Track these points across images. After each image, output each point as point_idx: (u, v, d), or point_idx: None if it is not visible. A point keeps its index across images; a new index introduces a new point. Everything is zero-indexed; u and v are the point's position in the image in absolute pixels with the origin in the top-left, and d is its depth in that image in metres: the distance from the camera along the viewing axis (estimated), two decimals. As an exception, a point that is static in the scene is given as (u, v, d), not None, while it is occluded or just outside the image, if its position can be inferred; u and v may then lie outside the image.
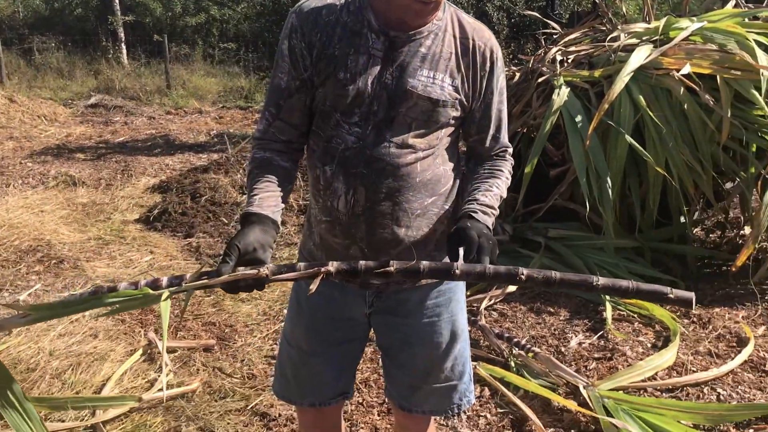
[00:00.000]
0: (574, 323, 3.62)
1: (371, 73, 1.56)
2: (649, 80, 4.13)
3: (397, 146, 1.57)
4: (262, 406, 2.94)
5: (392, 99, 1.56)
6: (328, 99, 1.59)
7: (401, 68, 1.56)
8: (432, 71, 1.57)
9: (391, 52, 1.56)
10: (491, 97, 1.67)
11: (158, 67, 15.23)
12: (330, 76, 1.57)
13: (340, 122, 1.59)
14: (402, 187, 1.59)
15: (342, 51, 1.56)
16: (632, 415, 2.67)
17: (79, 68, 15.29)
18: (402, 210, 1.60)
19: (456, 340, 1.79)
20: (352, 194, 1.59)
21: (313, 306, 1.78)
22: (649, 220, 4.28)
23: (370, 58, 1.56)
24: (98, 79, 14.47)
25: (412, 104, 1.56)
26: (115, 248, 4.87)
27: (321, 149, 1.63)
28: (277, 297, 4.09)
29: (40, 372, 3.16)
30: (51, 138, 9.51)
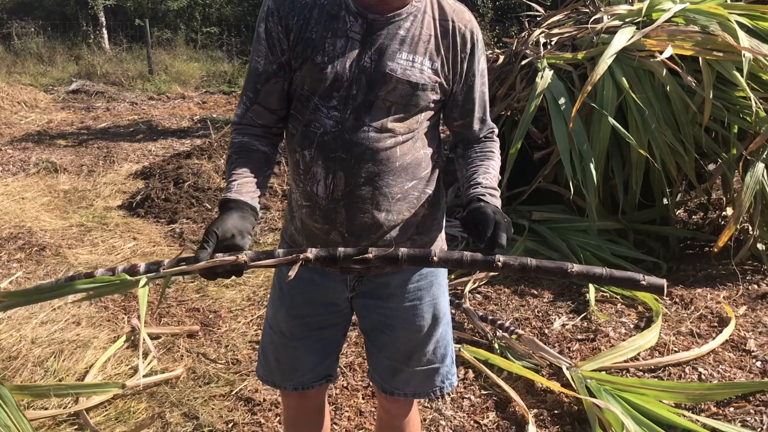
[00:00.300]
0: (557, 305, 3.64)
1: (349, 56, 1.54)
2: (632, 62, 4.13)
3: (377, 130, 1.56)
4: (246, 392, 2.94)
5: (371, 83, 1.54)
6: (306, 83, 1.57)
7: (380, 51, 1.54)
8: (411, 54, 1.55)
9: (369, 35, 1.54)
10: (473, 79, 1.65)
11: (140, 52, 15.07)
12: (307, 59, 1.55)
13: (319, 106, 1.57)
14: (382, 171, 1.57)
15: (319, 34, 1.54)
16: (615, 395, 2.69)
17: (59, 54, 15.08)
18: (382, 194, 1.59)
19: (438, 323, 1.79)
20: (331, 179, 1.58)
21: (294, 291, 1.77)
22: (632, 202, 4.30)
23: (348, 42, 1.54)
24: (79, 64, 14.30)
25: (391, 88, 1.54)
26: (98, 235, 4.83)
27: (300, 134, 1.61)
28: (261, 282, 4.08)
29: (22, 360, 3.13)
30: (32, 124, 9.39)
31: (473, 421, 2.71)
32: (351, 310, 1.82)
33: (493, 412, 2.77)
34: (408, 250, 1.43)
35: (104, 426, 2.69)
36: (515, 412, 2.74)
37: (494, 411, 2.77)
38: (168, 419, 2.74)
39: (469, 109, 1.69)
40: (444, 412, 2.76)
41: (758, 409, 2.60)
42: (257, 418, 2.76)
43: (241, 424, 2.72)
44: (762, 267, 4.04)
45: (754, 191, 3.80)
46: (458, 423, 2.70)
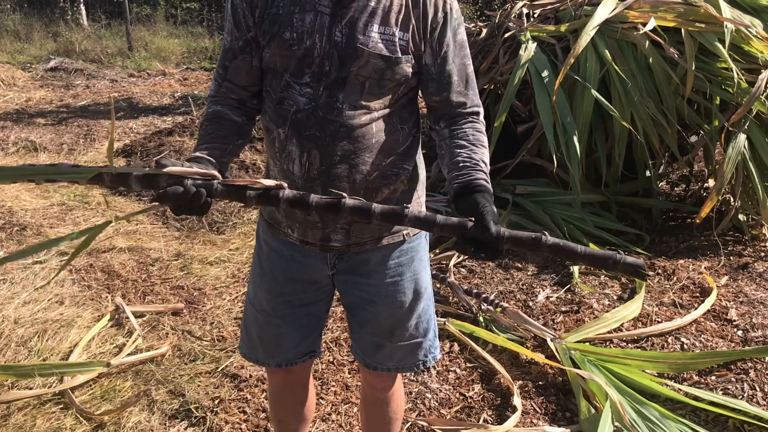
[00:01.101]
0: (541, 278, 3.66)
1: (319, 31, 1.50)
2: (615, 34, 4.13)
3: (351, 107, 1.52)
4: (232, 368, 2.94)
5: (343, 58, 1.50)
6: (277, 60, 1.54)
7: (350, 25, 1.49)
8: (383, 26, 1.50)
9: (339, 8, 1.49)
10: (447, 50, 1.58)
11: (119, 29, 14.81)
12: (275, 36, 1.52)
13: (291, 83, 1.54)
14: (357, 149, 1.55)
15: (286, 9, 1.51)
16: (598, 365, 2.72)
17: (36, 30, 14.80)
18: (358, 172, 1.56)
19: (419, 298, 1.79)
20: (306, 157, 1.55)
21: (275, 269, 1.76)
22: (614, 175, 4.32)
23: (317, 15, 1.50)
24: (57, 41, 14.04)
25: (364, 62, 1.50)
26: (79, 214, 4.78)
27: (273, 111, 1.59)
28: (245, 260, 4.07)
29: (5, 340, 3.11)
30: (9, 103, 9.23)
31: (459, 394, 2.73)
32: (333, 287, 1.81)
33: (478, 384, 2.79)
34: (382, 206, 1.36)
35: (90, 405, 2.68)
36: (500, 384, 2.77)
37: (480, 383, 2.79)
38: (154, 397, 2.73)
39: (445, 83, 1.61)
40: (430, 385, 2.77)
41: (739, 378, 2.63)
42: (243, 395, 2.76)
43: (227, 400, 2.72)
44: (743, 238, 4.08)
45: (735, 162, 3.82)
46: (444, 395, 2.72)
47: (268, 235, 1.77)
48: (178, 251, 4.15)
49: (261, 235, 1.81)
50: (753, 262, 3.71)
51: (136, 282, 3.74)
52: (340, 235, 1.65)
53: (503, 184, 4.52)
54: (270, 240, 1.76)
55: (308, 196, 1.35)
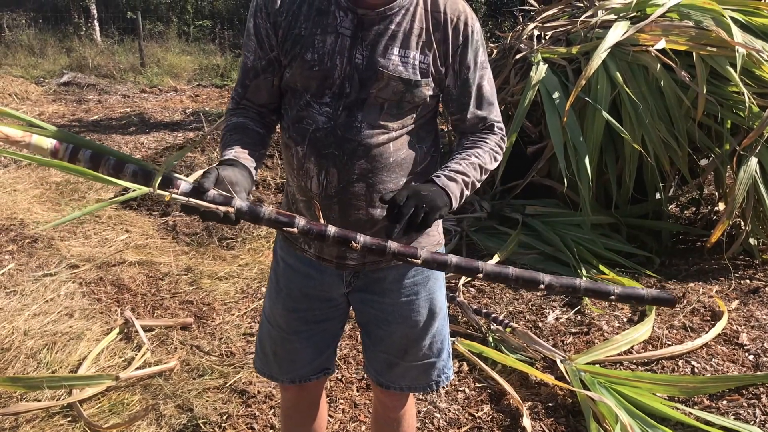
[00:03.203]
0: (551, 299, 3.65)
1: (340, 53, 1.51)
2: (626, 57, 4.15)
3: (369, 127, 1.53)
4: (240, 384, 2.93)
5: (363, 80, 1.51)
6: (297, 80, 1.56)
7: (371, 47, 1.51)
8: (403, 49, 1.51)
9: (360, 30, 1.51)
10: (467, 72, 1.59)
11: (132, 45, 14.97)
12: (297, 57, 1.53)
13: (311, 102, 1.55)
14: (375, 168, 1.55)
15: (308, 31, 1.52)
16: (608, 388, 2.71)
17: (50, 46, 14.97)
18: (376, 191, 1.57)
19: (434, 318, 1.78)
20: (324, 175, 1.56)
21: (291, 285, 1.77)
22: (625, 197, 4.32)
23: (338, 38, 1.51)
24: (71, 56, 14.19)
25: (384, 85, 1.51)
26: (90, 227, 4.80)
27: (292, 129, 1.60)
28: (254, 275, 4.07)
29: (14, 352, 3.11)
30: (22, 116, 9.31)
31: (468, 414, 2.72)
32: (348, 304, 1.82)
33: (487, 404, 2.77)
34: (397, 245, 1.39)
35: (98, 418, 2.68)
36: (510, 405, 2.75)
37: (489, 404, 2.78)
38: (162, 411, 2.73)
39: (464, 102, 1.63)
40: (439, 405, 2.76)
41: (751, 402, 2.61)
42: (251, 410, 2.75)
43: (236, 416, 2.71)
44: (754, 262, 4.06)
45: (747, 186, 3.82)
46: (453, 416, 2.71)
47: (285, 251, 1.78)
48: (188, 266, 4.16)
49: (278, 251, 1.81)
50: (764, 286, 3.69)
51: (145, 296, 3.75)
52: (356, 253, 1.64)
53: (513, 204, 4.53)
54: (287, 256, 1.77)
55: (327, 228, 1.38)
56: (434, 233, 1.75)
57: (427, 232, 1.71)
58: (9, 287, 3.78)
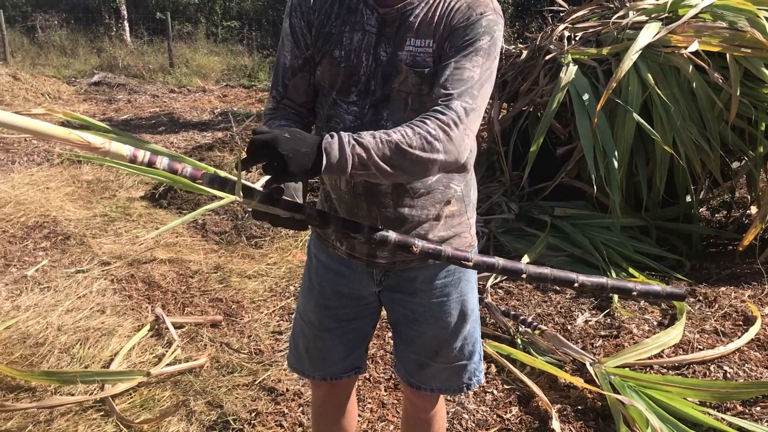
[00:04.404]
0: (580, 301, 3.63)
1: (366, 50, 1.52)
2: (658, 58, 4.10)
3: (395, 124, 1.51)
4: (269, 382, 2.96)
5: (385, 75, 1.52)
6: (326, 77, 1.57)
7: (394, 42, 1.51)
8: (418, 39, 1.50)
9: (383, 27, 1.52)
10: (455, 53, 1.45)
11: (161, 45, 15.15)
12: (326, 54, 1.55)
13: (338, 101, 1.57)
14: None
15: (338, 29, 1.54)
16: (639, 391, 2.68)
17: (82, 46, 15.22)
18: (404, 189, 1.58)
19: (465, 320, 1.78)
20: None
21: (323, 282, 1.78)
22: (655, 199, 4.27)
23: (364, 35, 1.52)
24: (101, 56, 14.41)
25: (403, 78, 1.50)
26: (121, 225, 4.87)
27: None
28: (283, 274, 4.10)
29: (48, 347, 3.17)
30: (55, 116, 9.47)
31: (496, 416, 2.71)
32: (380, 304, 1.82)
33: (516, 406, 2.76)
34: (451, 249, 1.46)
35: (129, 413, 2.72)
36: (538, 407, 2.74)
37: (517, 405, 2.77)
38: (192, 407, 2.76)
39: (438, 79, 1.45)
40: (467, 406, 2.76)
41: (784, 409, 2.58)
42: (280, 408, 2.77)
43: (265, 413, 2.74)
44: (787, 266, 4.00)
45: (780, 190, 3.76)
46: (481, 417, 2.70)
47: (318, 248, 1.80)
48: (217, 264, 4.20)
49: (311, 249, 1.83)
50: (798, 291, 3.64)
51: (175, 293, 3.79)
52: (386, 252, 1.66)
53: (542, 205, 4.50)
54: (319, 254, 1.79)
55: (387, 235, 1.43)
56: (466, 235, 1.75)
57: (458, 234, 1.71)
58: (43, 283, 3.85)
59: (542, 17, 10.49)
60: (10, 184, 5.79)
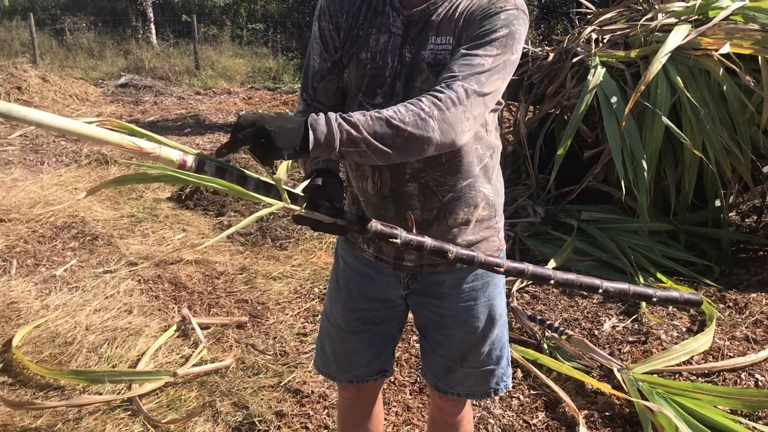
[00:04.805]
0: (607, 306, 3.59)
1: (392, 51, 1.53)
2: (687, 61, 4.05)
3: None
4: (294, 383, 2.96)
5: (408, 75, 1.52)
6: (352, 79, 1.58)
7: (418, 43, 1.51)
8: (439, 36, 1.49)
9: (409, 29, 1.52)
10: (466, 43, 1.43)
11: (187, 48, 15.28)
12: (353, 56, 1.56)
13: (363, 103, 1.57)
14: (427, 167, 1.55)
15: (365, 31, 1.55)
16: (667, 398, 2.65)
17: (109, 48, 15.41)
18: (431, 192, 1.57)
19: (493, 324, 1.76)
20: (378, 176, 1.58)
21: (350, 285, 1.78)
22: (684, 203, 4.22)
23: (390, 37, 1.53)
24: (128, 59, 14.58)
25: (425, 77, 1.50)
26: (148, 226, 4.92)
27: None
28: (307, 276, 4.11)
29: (77, 346, 3.21)
30: (82, 117, 9.59)
31: (522, 421, 2.69)
32: (406, 308, 1.82)
33: (542, 412, 2.74)
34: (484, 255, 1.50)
35: (156, 413, 2.74)
36: (565, 413, 2.72)
37: (544, 411, 2.75)
38: (218, 408, 2.77)
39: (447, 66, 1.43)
40: (493, 411, 2.74)
41: (818, 418, 2.53)
42: (305, 410, 2.78)
43: (290, 415, 2.74)
44: (820, 273, 3.93)
45: (813, 195, 3.69)
46: (507, 422, 2.68)
47: (345, 251, 1.80)
48: (243, 265, 4.22)
49: (339, 251, 1.84)
50: (831, 298, 3.57)
51: (201, 294, 3.81)
52: (413, 255, 1.66)
53: (568, 209, 4.47)
54: (347, 256, 1.79)
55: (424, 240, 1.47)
56: (494, 239, 1.74)
57: (486, 238, 1.70)
58: (71, 283, 3.90)
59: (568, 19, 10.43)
60: (40, 185, 5.87)
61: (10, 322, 3.43)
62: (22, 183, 5.95)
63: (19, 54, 14.27)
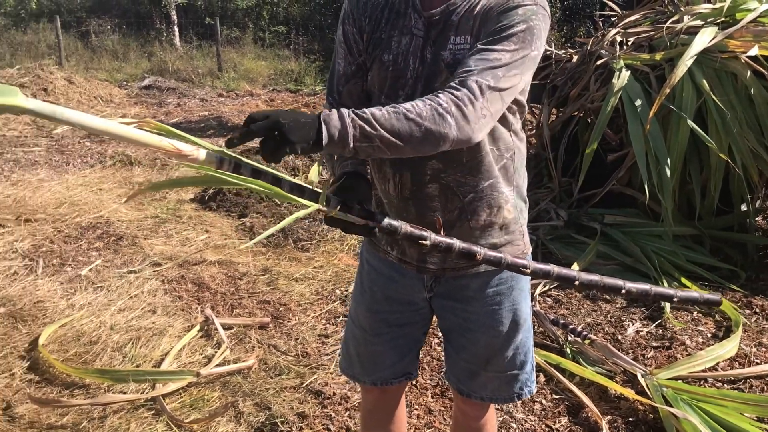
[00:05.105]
0: (630, 311, 3.56)
1: (413, 53, 1.53)
2: (714, 64, 4.01)
3: None
4: (316, 385, 2.97)
5: (429, 76, 1.52)
6: (375, 82, 1.59)
7: (438, 43, 1.52)
8: (458, 36, 1.49)
9: (429, 30, 1.53)
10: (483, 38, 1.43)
11: (210, 50, 15.38)
12: (376, 59, 1.57)
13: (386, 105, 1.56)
14: (447, 167, 1.55)
15: (387, 33, 1.56)
16: (692, 405, 2.62)
17: (133, 50, 15.56)
18: (452, 193, 1.57)
19: (518, 329, 1.76)
20: (399, 178, 1.59)
21: (374, 287, 1.79)
22: (709, 208, 4.18)
23: (412, 39, 1.54)
24: (152, 61, 14.71)
25: (444, 78, 1.49)
26: (172, 227, 4.95)
27: None
28: (329, 277, 4.12)
29: (102, 345, 3.24)
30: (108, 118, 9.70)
31: (545, 425, 2.68)
32: (431, 310, 1.81)
33: (565, 416, 2.72)
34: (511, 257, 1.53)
35: (180, 412, 2.76)
36: (588, 419, 2.70)
37: (566, 416, 2.73)
38: (241, 409, 2.79)
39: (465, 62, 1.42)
40: (515, 415, 2.73)
41: None
42: (327, 411, 2.78)
43: (312, 416, 2.75)
44: None
45: (842, 199, 3.64)
46: (529, 426, 2.67)
47: (369, 252, 1.81)
48: (265, 266, 4.24)
49: (363, 253, 1.84)
50: None
51: (224, 295, 3.84)
52: (437, 258, 1.66)
53: (591, 213, 4.44)
54: (371, 258, 1.80)
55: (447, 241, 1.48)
56: (519, 242, 1.73)
57: (511, 242, 1.70)
58: (96, 283, 3.94)
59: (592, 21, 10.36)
60: (65, 185, 5.94)
61: (36, 321, 3.48)
62: (48, 183, 6.02)
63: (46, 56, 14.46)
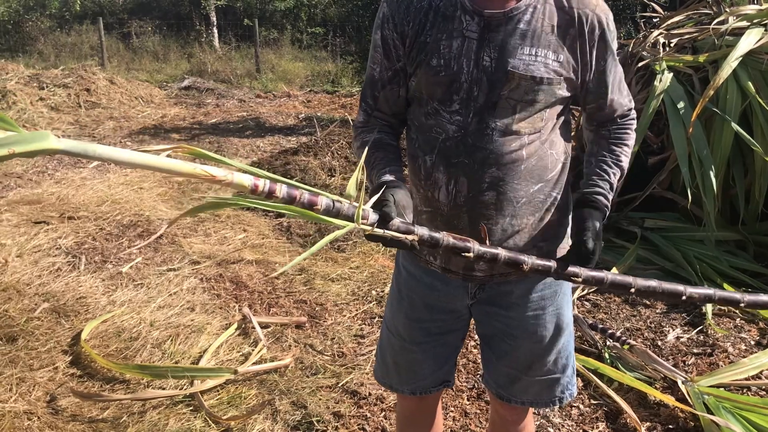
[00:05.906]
0: (671, 317, 3.50)
1: (467, 56, 1.49)
2: (760, 66, 3.93)
3: (501, 133, 1.50)
4: (352, 385, 2.98)
5: (492, 82, 1.48)
6: (423, 88, 1.55)
7: (500, 49, 1.47)
8: (534, 48, 1.47)
9: (487, 32, 1.48)
10: (604, 65, 1.56)
11: (248, 51, 15.56)
12: (422, 64, 1.52)
13: (439, 111, 1.53)
14: (506, 176, 1.52)
15: (434, 37, 1.51)
16: (735, 413, 2.56)
17: (173, 51, 15.81)
18: (507, 199, 1.54)
19: (560, 333, 1.73)
20: (453, 185, 1.54)
21: (413, 295, 1.75)
22: (753, 212, 4.08)
23: (464, 41, 1.49)
24: (191, 62, 14.93)
25: (515, 86, 1.47)
26: (210, 226, 5.02)
27: (420, 139, 1.59)
28: (365, 278, 4.13)
29: (141, 341, 3.30)
30: (147, 118, 9.87)
31: (582, 431, 2.65)
32: (470, 316, 1.79)
33: (603, 422, 2.69)
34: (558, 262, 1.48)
35: (217, 409, 2.79)
36: (626, 425, 2.66)
37: (604, 421, 2.69)
38: (277, 407, 2.81)
39: (602, 92, 1.60)
40: (552, 420, 2.70)
41: None
42: (363, 412, 2.79)
43: (348, 416, 2.76)
44: None
45: None
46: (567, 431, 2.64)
47: (408, 261, 1.77)
48: (302, 266, 4.27)
49: (401, 261, 1.81)
50: None
51: (261, 293, 3.87)
52: (484, 265, 1.61)
53: (631, 216, 4.38)
54: (409, 266, 1.76)
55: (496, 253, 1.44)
56: (564, 245, 1.71)
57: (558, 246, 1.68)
58: (137, 280, 4.01)
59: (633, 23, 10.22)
60: (107, 184, 6.05)
61: (78, 317, 3.55)
62: (90, 182, 6.15)
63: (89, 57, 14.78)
